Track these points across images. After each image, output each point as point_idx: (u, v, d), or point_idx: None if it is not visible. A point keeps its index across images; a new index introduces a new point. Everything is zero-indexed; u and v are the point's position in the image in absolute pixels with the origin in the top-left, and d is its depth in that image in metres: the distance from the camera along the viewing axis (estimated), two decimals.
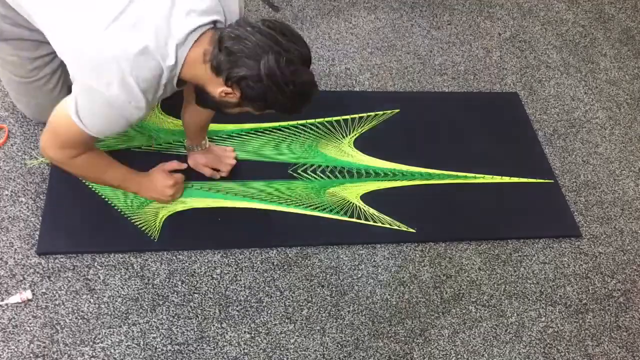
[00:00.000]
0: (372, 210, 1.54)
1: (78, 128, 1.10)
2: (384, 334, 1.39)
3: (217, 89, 1.09)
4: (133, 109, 1.08)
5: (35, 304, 1.28)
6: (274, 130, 1.65)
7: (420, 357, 1.37)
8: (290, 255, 1.46)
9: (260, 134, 1.63)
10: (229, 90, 1.08)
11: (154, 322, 1.31)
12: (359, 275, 1.46)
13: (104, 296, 1.32)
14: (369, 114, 1.75)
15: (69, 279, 1.33)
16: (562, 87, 2.03)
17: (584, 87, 2.05)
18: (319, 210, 1.51)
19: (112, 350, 1.26)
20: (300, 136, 1.66)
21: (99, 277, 1.34)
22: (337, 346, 1.35)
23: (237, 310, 1.35)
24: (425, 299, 1.46)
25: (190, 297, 1.35)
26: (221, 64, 1.05)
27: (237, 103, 1.12)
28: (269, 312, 1.37)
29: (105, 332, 1.27)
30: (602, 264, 1.61)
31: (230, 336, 1.32)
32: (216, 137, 1.59)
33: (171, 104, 1.64)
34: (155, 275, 1.37)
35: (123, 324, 1.29)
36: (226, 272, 1.40)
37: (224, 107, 1.16)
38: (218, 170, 1.52)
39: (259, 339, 1.33)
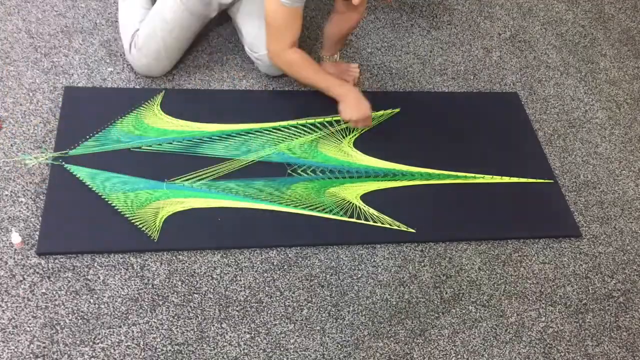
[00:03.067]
0: (372, 210, 1.54)
1: (277, 4, 1.43)
2: (384, 334, 1.39)
3: None
4: None
5: (35, 304, 1.28)
6: (274, 130, 1.65)
7: (420, 357, 1.37)
8: (290, 255, 1.46)
9: (260, 134, 1.63)
10: None
11: (154, 322, 1.31)
12: (359, 275, 1.46)
13: (104, 296, 1.32)
14: None
15: (69, 279, 1.33)
16: (562, 87, 2.03)
17: (584, 87, 2.06)
18: (318, 210, 1.51)
19: (112, 351, 1.26)
20: (300, 136, 1.66)
21: (99, 277, 1.34)
22: (337, 346, 1.35)
23: (237, 311, 1.36)
24: (425, 299, 1.46)
25: (190, 297, 1.35)
26: None
27: None
28: (269, 312, 1.37)
29: (105, 332, 1.27)
30: (602, 264, 1.61)
31: (230, 336, 1.32)
32: (216, 137, 1.59)
33: (171, 104, 1.65)
34: (155, 276, 1.37)
35: (123, 324, 1.29)
36: (226, 272, 1.40)
37: None
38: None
39: (259, 339, 1.33)
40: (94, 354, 1.25)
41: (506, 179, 1.70)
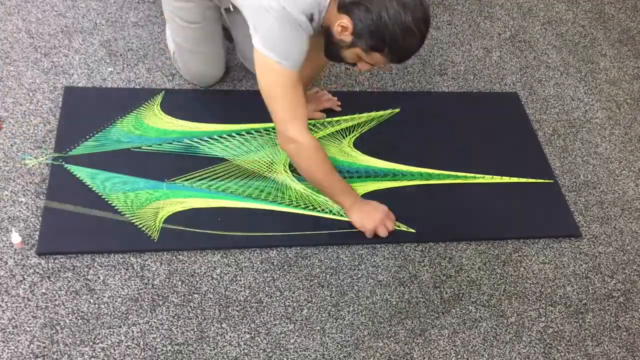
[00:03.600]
0: None
1: (276, 66, 1.23)
2: (384, 334, 1.39)
3: (336, 23, 1.22)
4: (302, 23, 1.21)
5: (35, 304, 1.28)
6: (274, 131, 1.64)
7: (420, 357, 1.37)
8: (290, 255, 1.46)
9: (260, 134, 1.63)
10: (344, 22, 1.20)
11: (154, 322, 1.31)
12: (359, 275, 1.46)
13: (104, 296, 1.32)
14: (369, 114, 1.75)
15: (69, 279, 1.33)
16: (562, 87, 2.03)
17: (584, 87, 2.06)
18: (318, 211, 1.51)
19: (112, 351, 1.26)
20: None
21: (99, 277, 1.34)
22: (337, 346, 1.35)
23: (237, 311, 1.36)
24: (425, 299, 1.46)
25: (190, 297, 1.35)
26: None
27: (351, 43, 1.24)
28: (269, 312, 1.37)
29: (105, 332, 1.27)
30: (602, 264, 1.61)
31: (230, 336, 1.32)
32: (216, 137, 1.59)
33: (171, 104, 1.65)
34: (155, 276, 1.37)
35: (123, 324, 1.29)
36: (226, 272, 1.40)
37: (340, 49, 1.27)
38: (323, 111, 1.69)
39: (259, 339, 1.33)
40: (94, 354, 1.25)
41: (506, 179, 1.70)
